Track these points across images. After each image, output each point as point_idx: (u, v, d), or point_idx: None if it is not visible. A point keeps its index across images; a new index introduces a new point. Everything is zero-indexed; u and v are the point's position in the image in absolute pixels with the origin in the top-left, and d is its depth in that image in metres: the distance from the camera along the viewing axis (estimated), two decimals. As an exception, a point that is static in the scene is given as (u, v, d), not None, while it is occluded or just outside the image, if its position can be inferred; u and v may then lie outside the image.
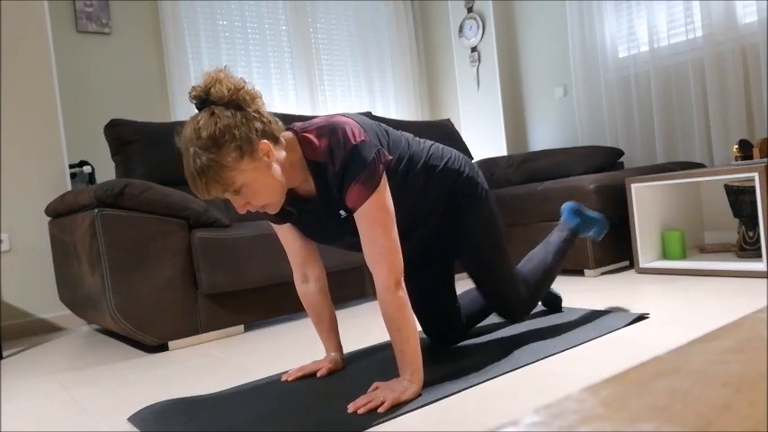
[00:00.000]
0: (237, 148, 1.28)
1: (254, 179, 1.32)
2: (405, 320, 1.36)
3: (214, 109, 1.30)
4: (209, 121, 1.28)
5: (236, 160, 1.28)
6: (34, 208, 2.92)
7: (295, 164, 1.40)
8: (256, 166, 1.31)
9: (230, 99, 1.30)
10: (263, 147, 1.32)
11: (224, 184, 1.29)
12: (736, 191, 2.54)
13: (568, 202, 2.06)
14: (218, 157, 1.27)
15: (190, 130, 1.30)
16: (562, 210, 2.06)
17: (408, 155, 1.53)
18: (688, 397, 0.35)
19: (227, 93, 1.30)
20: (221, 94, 1.30)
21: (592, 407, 0.35)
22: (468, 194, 1.63)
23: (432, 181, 1.58)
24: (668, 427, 0.31)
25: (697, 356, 0.43)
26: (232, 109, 1.30)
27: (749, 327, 0.48)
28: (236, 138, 1.28)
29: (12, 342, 2.76)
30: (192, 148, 1.28)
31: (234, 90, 1.31)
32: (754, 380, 0.37)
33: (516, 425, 0.34)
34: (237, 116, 1.30)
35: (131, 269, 2.09)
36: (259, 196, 1.34)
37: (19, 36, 2.91)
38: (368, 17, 4.52)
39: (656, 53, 3.38)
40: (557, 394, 1.30)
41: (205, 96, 1.31)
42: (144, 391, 1.69)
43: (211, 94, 1.30)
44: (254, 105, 1.34)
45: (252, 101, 1.34)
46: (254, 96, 1.35)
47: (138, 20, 3.55)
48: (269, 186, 1.34)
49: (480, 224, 1.65)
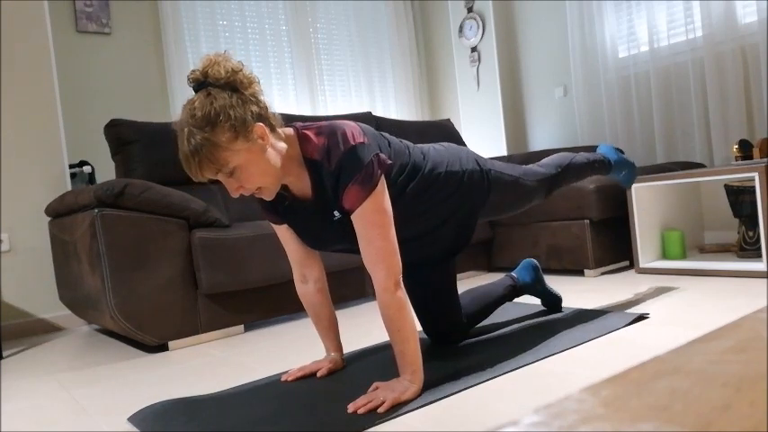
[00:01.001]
0: (232, 128, 1.28)
1: (247, 160, 1.31)
2: (404, 321, 1.36)
3: (210, 90, 1.30)
4: (205, 101, 1.28)
5: (230, 140, 1.28)
6: (34, 208, 2.92)
7: (292, 158, 1.40)
8: (250, 148, 1.31)
9: (227, 81, 1.31)
10: (257, 129, 1.32)
11: (217, 164, 1.29)
12: (736, 191, 2.54)
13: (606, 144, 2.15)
14: (212, 136, 1.27)
15: (186, 111, 1.30)
16: (600, 146, 2.14)
17: (411, 164, 1.52)
18: (688, 397, 0.35)
19: (224, 74, 1.30)
20: (218, 75, 1.30)
21: (592, 407, 0.35)
22: (478, 188, 1.65)
23: (437, 187, 1.57)
24: (668, 427, 0.31)
25: (697, 356, 0.43)
26: (229, 90, 1.31)
27: (749, 327, 0.48)
28: (230, 118, 1.28)
29: (12, 342, 2.76)
30: (186, 128, 1.28)
31: (231, 72, 1.31)
32: (754, 380, 0.37)
33: (516, 425, 0.34)
34: (233, 97, 1.30)
35: (131, 269, 2.09)
36: (253, 179, 1.33)
37: (19, 36, 2.91)
38: (368, 17, 4.52)
39: (656, 53, 3.38)
40: (557, 394, 1.30)
41: (203, 78, 1.31)
42: (144, 391, 1.69)
43: (209, 75, 1.31)
44: (251, 89, 1.34)
45: (249, 84, 1.34)
46: (251, 80, 1.35)
47: (138, 20, 3.55)
48: (262, 169, 1.33)
49: (503, 197, 1.73)
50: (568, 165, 1.94)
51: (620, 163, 2.12)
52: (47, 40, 2.98)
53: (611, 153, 2.11)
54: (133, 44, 3.53)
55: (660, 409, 0.34)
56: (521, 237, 3.06)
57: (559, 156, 1.96)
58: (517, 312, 2.14)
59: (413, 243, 1.63)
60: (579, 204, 2.75)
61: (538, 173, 1.84)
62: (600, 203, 2.71)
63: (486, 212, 1.74)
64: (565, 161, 1.94)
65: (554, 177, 1.88)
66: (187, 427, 1.31)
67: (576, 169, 1.96)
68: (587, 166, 2.00)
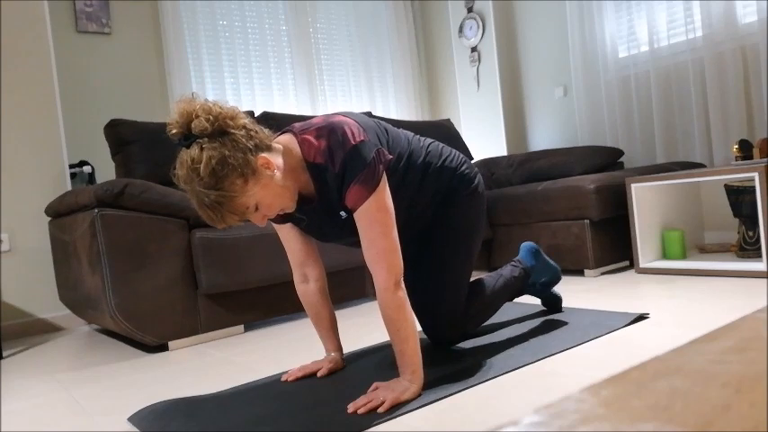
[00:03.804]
0: (240, 175, 1.27)
1: (263, 195, 1.32)
2: (404, 321, 1.36)
3: (202, 144, 1.26)
4: (202, 158, 1.24)
5: (242, 188, 1.28)
6: (34, 208, 2.92)
7: (294, 167, 1.40)
8: (261, 183, 1.31)
9: (213, 130, 1.27)
10: (261, 161, 1.31)
11: (239, 213, 1.30)
12: (736, 191, 2.54)
13: (529, 243, 2.00)
14: (225, 191, 1.26)
15: (185, 170, 1.27)
16: (521, 247, 2.00)
17: (408, 152, 1.55)
18: (688, 397, 0.35)
19: (209, 126, 1.26)
20: (203, 127, 1.25)
21: (592, 407, 0.35)
22: (462, 190, 1.67)
23: (429, 177, 1.61)
24: (668, 427, 0.31)
25: (697, 356, 0.43)
26: (219, 138, 1.27)
27: (749, 327, 0.48)
28: (235, 167, 1.26)
29: (12, 342, 2.76)
30: (195, 188, 1.26)
31: (213, 119, 1.27)
32: (754, 380, 0.37)
33: (516, 425, 0.34)
34: (227, 144, 1.26)
35: (131, 269, 2.09)
36: (273, 207, 1.36)
37: (19, 36, 2.91)
38: (368, 17, 4.52)
39: (656, 53, 3.38)
40: (557, 394, 1.30)
41: (188, 132, 1.28)
42: (144, 391, 1.69)
43: (193, 129, 1.27)
44: (237, 123, 1.30)
45: (233, 120, 1.29)
46: (233, 115, 1.30)
47: (138, 20, 3.55)
48: (278, 194, 1.35)
49: (463, 220, 1.68)
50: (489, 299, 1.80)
51: (540, 269, 1.97)
52: (47, 40, 2.98)
53: (529, 258, 1.96)
54: (133, 44, 3.53)
55: (660, 409, 0.34)
56: (521, 237, 3.06)
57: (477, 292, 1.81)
58: (517, 312, 2.14)
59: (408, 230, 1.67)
60: (579, 204, 2.75)
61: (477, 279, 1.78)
62: (600, 203, 2.71)
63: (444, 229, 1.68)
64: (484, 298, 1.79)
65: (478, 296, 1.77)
66: (187, 427, 1.31)
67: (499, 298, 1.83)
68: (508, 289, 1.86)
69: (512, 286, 1.87)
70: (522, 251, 1.99)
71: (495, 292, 1.82)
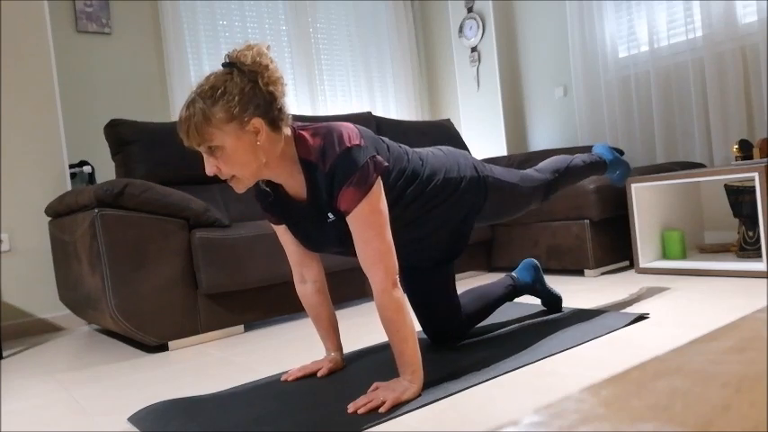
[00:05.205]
0: (229, 109, 1.31)
1: (232, 146, 1.33)
2: (403, 321, 1.36)
3: (232, 71, 1.34)
4: (221, 77, 1.33)
5: (222, 120, 1.31)
6: (34, 208, 2.92)
7: (286, 158, 1.40)
8: (240, 136, 1.33)
9: (250, 69, 1.33)
10: (255, 123, 1.33)
11: (201, 138, 1.32)
12: (736, 191, 2.54)
13: (601, 143, 2.19)
14: (208, 109, 1.31)
15: (203, 79, 1.36)
16: (596, 146, 2.17)
17: (410, 170, 1.51)
18: (688, 397, 0.35)
19: (249, 61, 1.33)
20: (244, 58, 1.34)
21: (592, 407, 0.35)
22: (474, 195, 1.66)
23: (434, 193, 1.56)
24: (668, 427, 0.31)
25: (697, 356, 0.43)
26: (248, 78, 1.33)
27: (749, 327, 0.48)
28: (232, 100, 1.31)
29: (12, 342, 2.76)
30: (194, 94, 1.33)
31: (257, 63, 1.34)
32: (754, 380, 0.37)
33: (516, 425, 0.34)
34: (248, 85, 1.33)
35: (131, 269, 2.09)
36: (231, 165, 1.35)
37: (19, 36, 2.91)
38: (368, 17, 4.52)
39: (656, 53, 3.38)
40: (557, 394, 1.30)
41: (235, 60, 1.35)
42: (144, 391, 1.69)
43: (238, 57, 1.34)
44: (272, 86, 1.35)
45: (271, 82, 1.35)
46: (275, 80, 1.36)
47: (138, 20, 3.55)
48: (244, 160, 1.35)
49: (500, 203, 1.74)
50: (566, 169, 1.94)
51: (614, 162, 2.14)
52: (47, 40, 2.98)
53: (607, 153, 2.13)
54: (133, 44, 3.53)
55: (660, 409, 0.34)
56: (521, 237, 3.06)
57: (556, 159, 1.96)
58: (517, 312, 2.14)
59: (410, 247, 1.64)
60: (579, 204, 2.75)
61: (535, 178, 1.84)
62: (600, 203, 2.71)
63: (483, 217, 1.74)
64: (562, 165, 1.94)
65: (551, 182, 1.89)
66: (187, 427, 1.31)
67: (573, 173, 1.97)
68: (584, 168, 2.01)
69: (590, 164, 2.04)
70: (598, 147, 2.15)
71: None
